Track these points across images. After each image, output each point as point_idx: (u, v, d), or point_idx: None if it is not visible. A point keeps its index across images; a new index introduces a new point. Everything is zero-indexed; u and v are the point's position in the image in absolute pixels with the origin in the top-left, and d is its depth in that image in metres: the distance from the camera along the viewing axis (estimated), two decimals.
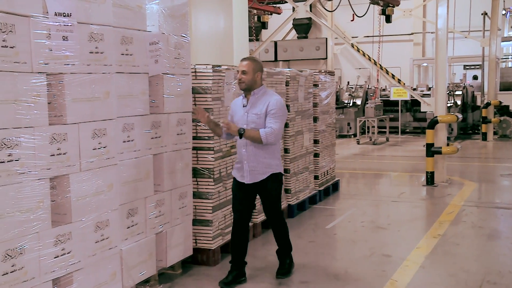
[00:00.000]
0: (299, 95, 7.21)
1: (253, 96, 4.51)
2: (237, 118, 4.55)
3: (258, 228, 6.15)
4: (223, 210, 5.33)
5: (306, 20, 20.20)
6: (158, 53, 4.43)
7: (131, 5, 4.09)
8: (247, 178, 4.53)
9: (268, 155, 4.52)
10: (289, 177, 6.92)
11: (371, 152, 13.68)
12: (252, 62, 4.47)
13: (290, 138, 6.93)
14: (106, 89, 3.84)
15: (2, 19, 3.02)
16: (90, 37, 3.66)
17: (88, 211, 3.70)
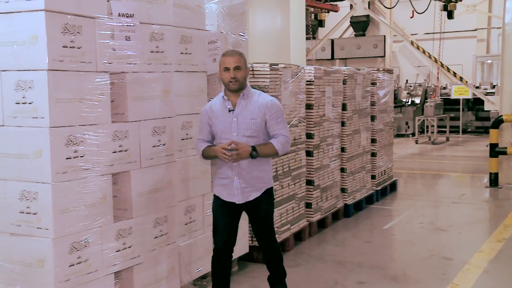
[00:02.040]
0: (357, 94, 7.12)
1: (242, 98, 3.69)
2: (221, 127, 3.68)
3: (314, 227, 6.12)
4: (279, 209, 5.33)
5: (364, 18, 19.88)
6: (217, 52, 4.47)
7: (191, 4, 4.15)
8: (237, 197, 3.72)
9: (262, 167, 3.76)
10: (346, 176, 6.85)
11: (430, 152, 13.33)
12: (243, 56, 3.72)
13: (347, 137, 6.86)
14: (166, 88, 3.91)
15: (71, 21, 3.14)
16: (151, 36, 3.74)
17: (148, 207, 3.78)
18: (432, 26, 18.37)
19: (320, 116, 6.19)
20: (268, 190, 3.82)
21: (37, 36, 3.03)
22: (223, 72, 3.65)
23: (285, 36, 7.60)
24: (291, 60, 7.64)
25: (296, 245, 5.69)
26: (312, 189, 6.06)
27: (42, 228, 3.17)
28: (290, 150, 5.47)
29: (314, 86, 6.02)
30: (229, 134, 3.65)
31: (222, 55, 3.69)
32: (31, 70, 3.11)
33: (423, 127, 16.08)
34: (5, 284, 3.33)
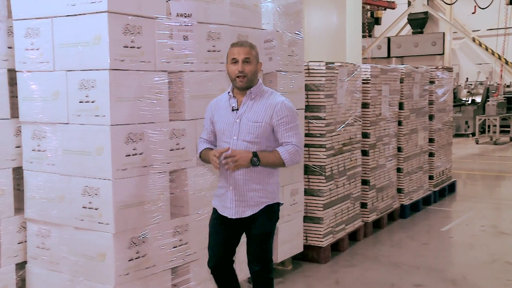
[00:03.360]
0: (414, 92, 6.97)
1: (249, 96, 3.17)
2: (222, 127, 3.19)
3: (369, 227, 6.03)
4: (334, 208, 5.28)
5: (422, 15, 19.40)
6: (272, 51, 4.48)
7: (247, 4, 4.18)
8: (231, 211, 3.19)
9: (264, 178, 3.18)
10: (402, 176, 6.72)
11: (492, 153, 12.86)
12: (254, 48, 3.18)
13: (403, 137, 6.72)
14: (222, 86, 3.95)
15: (131, 22, 3.23)
16: (208, 36, 3.79)
17: (204, 205, 3.83)
18: (495, 21, 17.69)
19: (376, 115, 6.09)
20: (269, 208, 3.20)
21: (100, 37, 3.13)
22: (230, 65, 3.13)
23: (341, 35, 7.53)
24: (346, 59, 7.56)
25: (351, 245, 5.63)
26: (367, 189, 5.97)
27: (103, 223, 3.27)
28: (344, 150, 5.42)
29: (370, 84, 5.93)
30: (228, 137, 3.14)
31: (231, 45, 3.19)
32: (94, 70, 3.22)
33: (484, 127, 15.53)
34: (70, 275, 3.46)
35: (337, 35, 7.51)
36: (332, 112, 5.20)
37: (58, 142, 3.45)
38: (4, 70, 3.60)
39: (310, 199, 5.15)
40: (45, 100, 3.47)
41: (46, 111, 3.47)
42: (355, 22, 7.75)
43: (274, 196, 3.23)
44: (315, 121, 5.11)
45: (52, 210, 3.51)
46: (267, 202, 3.19)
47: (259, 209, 3.17)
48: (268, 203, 3.20)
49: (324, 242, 5.13)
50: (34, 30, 3.43)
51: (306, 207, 5.14)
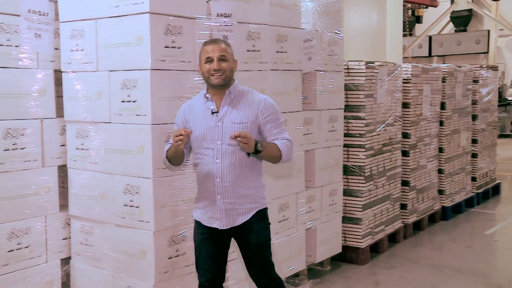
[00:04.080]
0: (457, 92, 6.82)
1: (228, 96, 2.94)
2: (202, 132, 2.91)
3: (409, 229, 5.93)
4: (373, 209, 5.22)
5: (466, 12, 18.93)
6: (312, 50, 4.46)
7: (287, 3, 4.17)
8: (221, 222, 2.95)
9: (253, 182, 2.98)
10: (444, 177, 6.59)
11: None
12: (229, 45, 2.98)
13: (445, 137, 6.59)
14: (261, 86, 3.95)
15: (172, 22, 3.27)
16: (248, 35, 3.80)
17: None
18: None
19: (417, 115, 5.99)
20: (261, 212, 3.02)
21: (142, 37, 3.19)
22: (203, 65, 2.90)
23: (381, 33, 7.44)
24: (386, 58, 7.46)
25: (391, 247, 5.55)
26: (407, 190, 5.88)
27: (144, 221, 3.33)
28: (384, 150, 5.35)
29: (411, 84, 5.84)
30: (211, 142, 2.90)
31: (203, 44, 2.97)
32: (135, 70, 3.27)
33: None
34: (112, 271, 3.53)
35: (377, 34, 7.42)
36: (372, 112, 5.14)
37: (101, 141, 3.52)
38: (51, 71, 3.70)
39: (349, 199, 5.11)
40: (88, 99, 3.55)
41: (90, 111, 3.55)
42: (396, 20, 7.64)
43: (263, 200, 3.06)
44: (354, 121, 5.07)
45: (95, 208, 3.59)
46: (258, 208, 3.00)
47: (251, 215, 2.97)
48: (259, 208, 3.01)
49: (363, 243, 5.08)
50: (79, 32, 3.51)
51: (345, 207, 5.10)
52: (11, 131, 3.48)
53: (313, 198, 4.62)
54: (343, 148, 5.01)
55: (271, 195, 4.10)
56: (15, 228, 3.50)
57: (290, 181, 4.36)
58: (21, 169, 3.55)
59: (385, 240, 5.44)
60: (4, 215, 3.47)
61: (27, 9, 3.52)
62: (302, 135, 4.47)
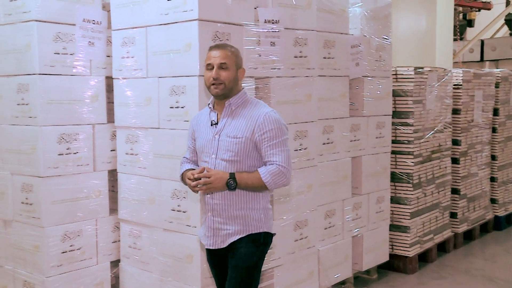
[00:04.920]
0: (511, 98, 6.60)
1: (228, 108, 2.74)
2: (202, 143, 2.77)
3: (460, 238, 5.77)
4: (421, 217, 5.11)
5: None
6: (359, 56, 4.42)
7: (335, 9, 4.15)
8: (209, 241, 2.77)
9: (247, 203, 2.72)
10: (496, 186, 6.39)
11: None
12: (234, 52, 2.74)
13: (498, 144, 6.39)
14: (308, 92, 3.94)
15: (220, 29, 3.30)
16: (295, 42, 3.80)
17: (289, 210, 3.84)
18: None
19: (468, 122, 5.83)
20: (253, 236, 2.72)
21: (191, 44, 3.24)
22: (205, 71, 2.71)
23: (430, 38, 7.29)
24: (436, 63, 7.30)
25: (440, 256, 5.41)
26: (457, 198, 5.72)
27: (191, 226, 3.36)
28: (433, 157, 5.23)
29: (462, 90, 5.69)
30: (207, 156, 2.73)
31: (208, 49, 2.76)
32: (184, 76, 3.32)
33: None
34: (159, 275, 3.59)
35: (427, 39, 7.27)
36: (421, 118, 5.04)
37: (150, 146, 3.59)
38: (103, 78, 3.80)
39: (396, 207, 5.02)
40: (138, 105, 3.62)
41: (139, 116, 3.63)
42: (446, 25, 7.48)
43: (260, 224, 2.73)
44: (402, 128, 4.98)
45: (143, 212, 3.66)
46: (251, 231, 2.71)
47: (239, 237, 2.70)
48: (252, 232, 2.71)
49: (411, 251, 4.97)
50: (130, 39, 3.60)
51: (392, 215, 5.01)
52: (65, 136, 3.59)
53: (360, 205, 4.56)
54: (391, 155, 4.93)
55: (317, 201, 4.09)
56: (68, 230, 3.61)
57: (336, 187, 4.32)
58: (74, 173, 3.67)
59: (434, 250, 5.31)
60: (58, 218, 3.58)
61: (82, 18, 3.64)
62: (349, 141, 4.43)
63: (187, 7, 3.22)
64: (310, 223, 4.01)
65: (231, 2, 3.35)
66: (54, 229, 3.55)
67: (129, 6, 3.57)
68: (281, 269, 3.79)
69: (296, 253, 3.92)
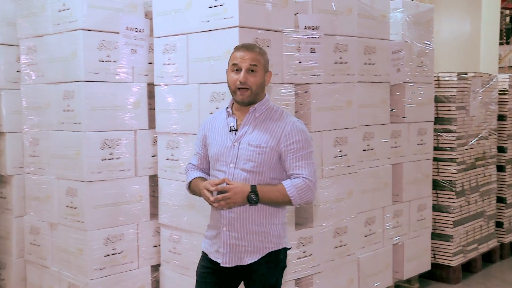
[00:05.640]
0: None
1: (252, 114, 2.54)
2: (217, 151, 2.55)
3: (506, 249, 5.61)
4: (465, 226, 4.99)
5: None
6: (400, 62, 4.37)
7: (375, 14, 4.11)
8: (224, 258, 2.55)
9: (266, 218, 2.54)
10: None
11: None
12: (263, 54, 2.56)
13: None
14: (348, 98, 3.92)
15: (260, 36, 3.32)
16: (335, 48, 3.78)
17: (328, 217, 3.81)
18: None
19: None
20: (273, 255, 2.56)
21: (231, 51, 3.24)
22: (230, 73, 2.52)
23: (474, 43, 7.14)
24: (480, 68, 7.13)
25: (485, 267, 5.26)
26: (504, 207, 5.57)
27: None
28: (477, 165, 5.10)
29: (508, 95, 5.56)
30: (224, 165, 2.51)
31: (234, 49, 2.57)
32: (224, 83, 3.33)
33: None
34: None
35: (471, 44, 7.12)
36: (464, 124, 4.93)
37: (190, 152, 3.62)
38: (144, 84, 3.87)
39: (438, 215, 4.92)
40: (178, 111, 3.67)
41: (180, 122, 3.67)
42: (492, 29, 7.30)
43: (280, 240, 2.58)
44: (445, 134, 4.89)
45: (183, 217, 3.69)
46: (270, 248, 2.54)
47: (260, 256, 2.52)
48: (272, 249, 2.55)
49: (454, 261, 4.86)
50: (171, 46, 3.65)
51: (435, 223, 4.91)
52: (108, 142, 3.67)
53: (401, 213, 4.49)
54: (433, 162, 4.85)
55: (357, 208, 4.05)
56: (110, 234, 3.68)
57: (376, 194, 4.27)
58: (116, 178, 3.73)
59: (479, 260, 5.17)
60: (101, 222, 3.65)
61: (125, 26, 3.72)
62: (389, 148, 4.37)
63: (228, 14, 3.25)
64: (350, 230, 3.97)
65: (272, 8, 3.36)
66: (97, 232, 3.63)
67: (170, 14, 3.63)
68: (321, 276, 3.77)
69: (336, 260, 3.88)
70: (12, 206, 4.31)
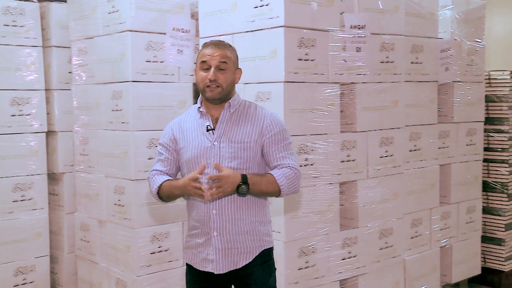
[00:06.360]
0: None
1: (228, 110, 2.45)
2: (196, 153, 2.43)
3: None
4: None
5: None
6: (449, 60, 4.27)
7: (424, 12, 4.04)
8: (217, 264, 2.42)
9: (257, 216, 2.47)
10: None
11: None
12: (233, 51, 2.49)
13: None
14: (395, 98, 3.86)
15: (306, 35, 3.31)
16: (382, 47, 3.73)
17: (374, 218, 3.77)
18: None
19: None
20: (266, 253, 2.50)
21: (276, 51, 3.26)
22: (199, 71, 2.40)
23: None
24: None
25: None
26: None
27: (275, 231, 3.37)
28: None
29: None
30: (207, 166, 2.37)
31: (202, 45, 2.46)
32: (269, 83, 3.35)
33: None
34: None
35: None
36: None
37: None
38: (190, 84, 3.92)
39: (489, 218, 4.78)
40: None
41: None
42: None
43: (270, 238, 2.52)
44: (496, 135, 4.75)
45: None
46: (263, 247, 2.47)
47: (254, 256, 2.45)
48: (264, 247, 2.48)
49: (507, 266, 4.71)
50: None
51: (485, 226, 4.78)
52: (155, 141, 3.73)
53: (449, 215, 4.39)
54: (483, 163, 4.72)
55: (403, 209, 3.98)
56: (156, 232, 3.75)
57: (423, 196, 4.19)
58: None
59: None
60: (147, 220, 3.72)
61: (172, 27, 3.78)
62: (437, 148, 4.29)
63: (273, 14, 3.25)
64: (396, 232, 3.91)
65: (317, 8, 3.34)
66: (144, 230, 3.70)
67: (216, 15, 3.66)
68: (366, 277, 3.72)
69: (381, 261, 3.83)
70: (64, 203, 4.45)
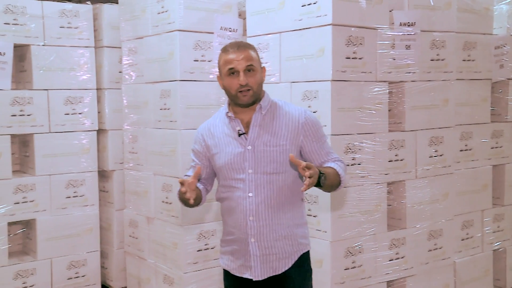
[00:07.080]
0: None
1: (259, 113, 2.37)
2: (229, 159, 2.35)
3: None
4: None
5: None
6: (504, 57, 4.14)
7: (477, 8, 3.93)
8: (255, 271, 2.37)
9: (294, 219, 2.41)
10: None
11: None
12: (255, 50, 2.39)
13: None
14: (445, 97, 3.77)
15: (354, 33, 3.27)
16: (432, 44, 3.65)
17: (422, 219, 3.69)
18: None
19: None
20: (303, 257, 2.45)
21: (324, 49, 3.24)
22: (226, 77, 2.32)
23: None
24: None
25: None
26: None
27: (321, 231, 3.36)
28: None
29: None
30: (240, 172, 2.32)
31: (222, 51, 2.36)
32: (316, 81, 3.33)
33: None
34: None
35: None
36: None
37: None
38: None
39: None
40: None
41: None
42: None
43: (307, 241, 2.46)
44: None
45: None
46: (301, 251, 2.42)
47: (292, 263, 2.39)
48: (303, 252, 2.43)
49: None
50: (264, 45, 3.69)
51: None
52: None
53: (502, 217, 4.26)
54: None
55: (453, 211, 3.89)
56: (203, 230, 3.79)
57: (475, 197, 4.08)
58: None
59: None
60: (194, 217, 3.78)
61: (220, 26, 3.82)
62: (489, 148, 4.17)
63: (321, 12, 3.23)
64: (446, 233, 3.82)
65: (365, 5, 3.30)
66: (191, 228, 3.75)
67: (264, 13, 3.67)
68: (414, 279, 3.66)
69: (430, 263, 3.75)
70: (113, 200, 4.57)
